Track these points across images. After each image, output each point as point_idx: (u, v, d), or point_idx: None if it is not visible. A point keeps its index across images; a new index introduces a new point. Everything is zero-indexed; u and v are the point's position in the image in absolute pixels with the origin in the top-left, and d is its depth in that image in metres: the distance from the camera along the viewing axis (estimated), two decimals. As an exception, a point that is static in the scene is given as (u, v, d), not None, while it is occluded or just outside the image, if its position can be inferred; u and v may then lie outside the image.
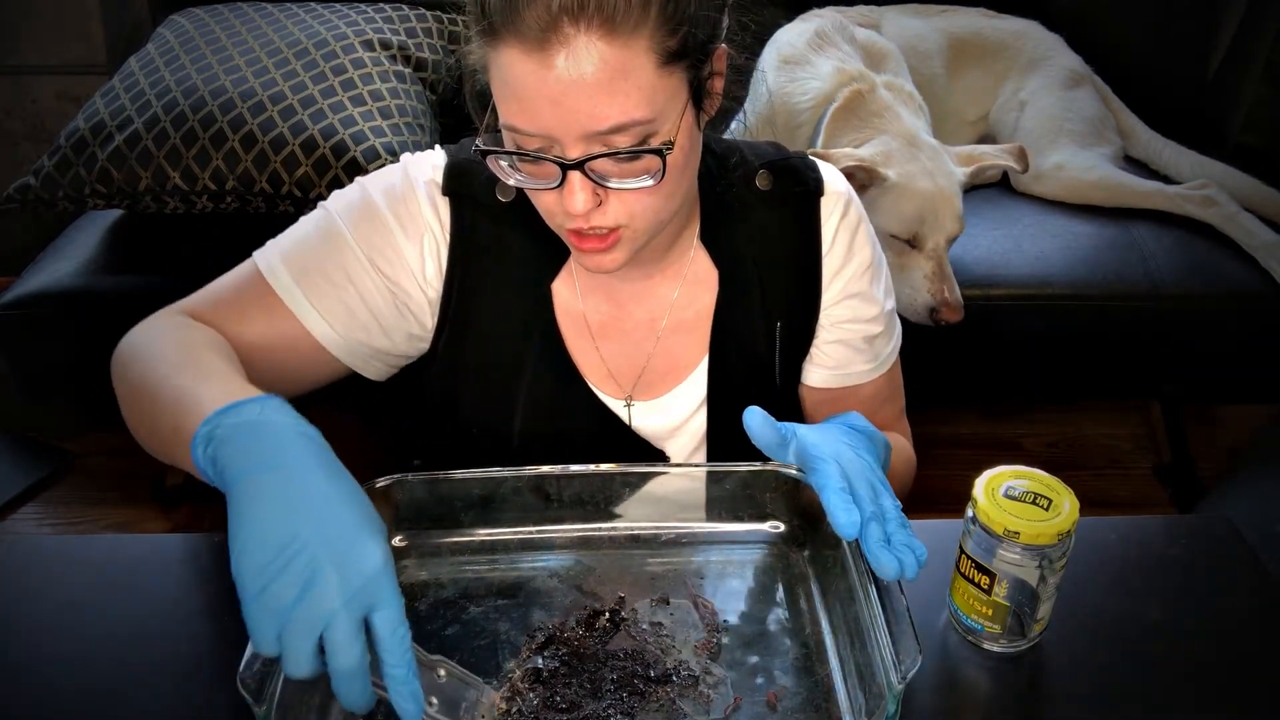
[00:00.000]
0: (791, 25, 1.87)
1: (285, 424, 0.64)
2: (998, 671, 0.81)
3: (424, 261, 0.90)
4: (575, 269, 0.94)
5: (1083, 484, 0.84)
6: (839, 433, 0.81)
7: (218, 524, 0.63)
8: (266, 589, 0.57)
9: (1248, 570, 0.90)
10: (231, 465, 0.62)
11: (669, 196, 0.81)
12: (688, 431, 0.98)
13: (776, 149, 0.97)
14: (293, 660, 0.57)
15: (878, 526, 0.73)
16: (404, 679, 0.59)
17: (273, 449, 0.62)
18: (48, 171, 1.66)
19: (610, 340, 0.96)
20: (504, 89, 0.75)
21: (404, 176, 0.91)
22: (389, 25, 1.85)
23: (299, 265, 0.87)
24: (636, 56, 0.72)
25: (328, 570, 0.57)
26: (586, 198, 0.76)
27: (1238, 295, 1.73)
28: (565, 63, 0.71)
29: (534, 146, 0.76)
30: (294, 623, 0.56)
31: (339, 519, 0.60)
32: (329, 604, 0.57)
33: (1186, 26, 2.10)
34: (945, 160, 1.61)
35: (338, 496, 0.61)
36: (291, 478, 0.61)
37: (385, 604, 0.59)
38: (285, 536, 0.58)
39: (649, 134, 0.75)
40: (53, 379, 1.81)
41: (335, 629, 0.57)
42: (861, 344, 0.99)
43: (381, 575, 0.59)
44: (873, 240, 0.98)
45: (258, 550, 0.58)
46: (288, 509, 0.59)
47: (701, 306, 0.96)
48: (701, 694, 0.74)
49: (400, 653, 0.59)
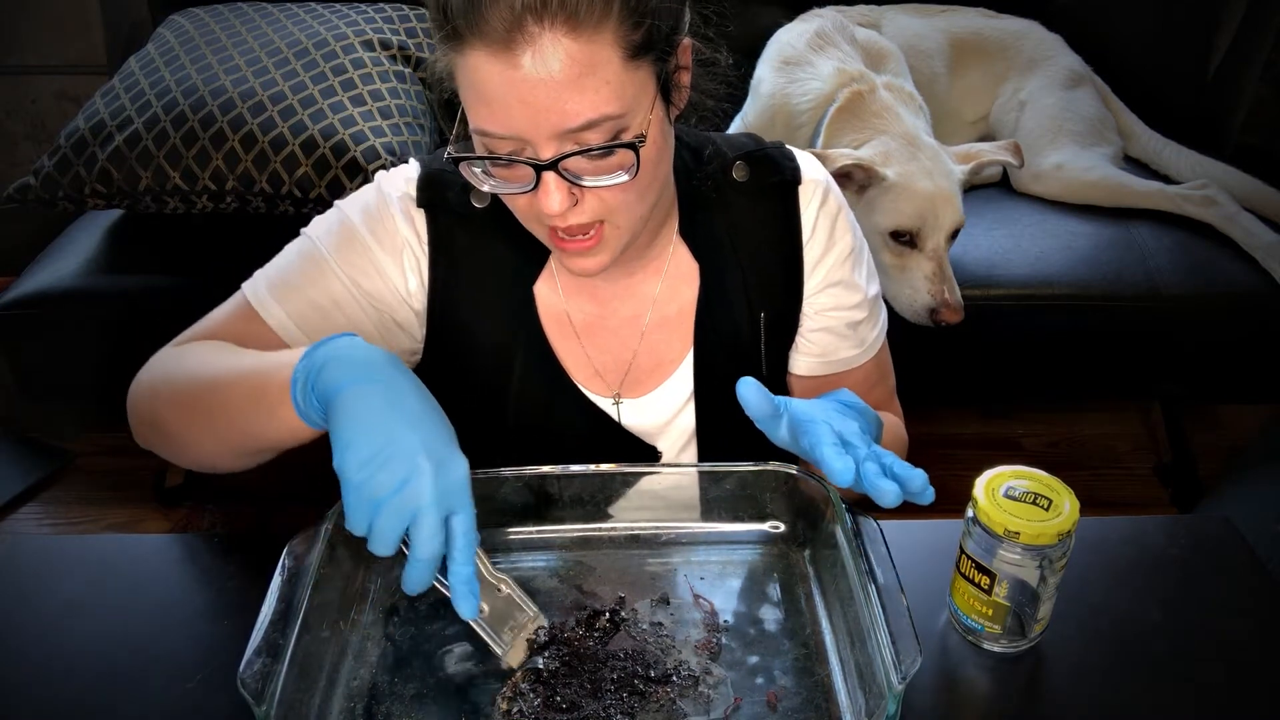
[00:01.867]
0: (791, 25, 1.87)
1: (374, 350, 0.71)
2: (998, 671, 0.81)
3: (405, 277, 0.91)
4: (557, 270, 0.94)
5: (1083, 484, 0.84)
6: (831, 406, 0.81)
7: (217, 524, 0.63)
8: (368, 481, 0.65)
9: (1248, 570, 0.90)
10: (334, 381, 0.69)
11: (644, 191, 0.81)
12: (677, 427, 0.99)
13: (753, 140, 0.97)
14: (380, 542, 0.65)
15: (874, 464, 0.73)
16: (467, 577, 0.68)
17: (370, 366, 0.70)
18: (48, 171, 1.66)
19: (595, 339, 0.96)
20: (471, 93, 0.75)
21: (378, 194, 0.91)
22: (389, 25, 1.85)
23: (285, 294, 0.89)
24: (602, 51, 0.72)
25: (424, 471, 0.65)
26: (562, 198, 0.76)
27: (1238, 295, 1.72)
28: (532, 61, 0.71)
29: (506, 150, 0.76)
30: (388, 511, 0.65)
31: (433, 429, 0.68)
32: (422, 499, 0.65)
33: (1186, 26, 2.10)
34: (945, 160, 1.61)
35: (427, 410, 0.69)
36: (390, 389, 0.69)
37: (464, 509, 0.67)
38: (386, 438, 0.66)
39: (620, 129, 0.75)
40: (53, 379, 1.81)
41: (422, 521, 0.65)
42: (846, 330, 0.99)
43: (464, 483, 0.68)
44: (854, 227, 0.98)
45: (362, 447, 0.66)
46: (389, 415, 0.67)
47: (684, 301, 0.96)
48: (701, 694, 0.74)
49: (468, 554, 0.67)
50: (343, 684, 0.75)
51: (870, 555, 0.75)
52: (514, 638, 0.75)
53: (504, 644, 0.75)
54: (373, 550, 0.66)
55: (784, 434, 0.78)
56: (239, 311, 0.90)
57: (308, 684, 0.71)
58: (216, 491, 1.96)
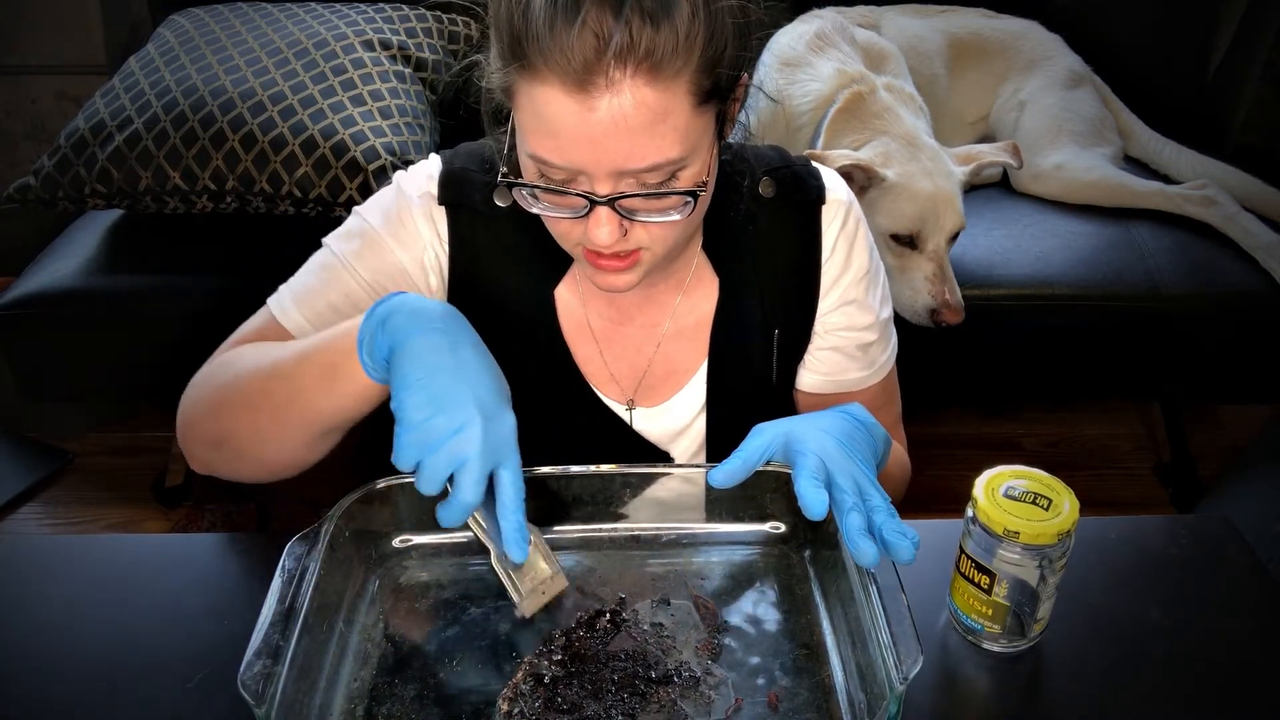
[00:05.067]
0: (791, 27, 1.87)
1: (436, 303, 0.74)
2: (998, 671, 0.81)
3: (427, 276, 0.91)
4: (579, 275, 0.94)
5: (1083, 484, 0.84)
6: (834, 426, 0.80)
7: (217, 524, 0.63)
8: (423, 424, 0.67)
9: (1248, 570, 0.90)
10: (401, 328, 0.71)
11: (690, 223, 0.82)
12: (689, 436, 0.99)
13: (780, 155, 0.97)
14: (427, 482, 0.68)
15: (859, 516, 0.72)
16: (519, 524, 0.70)
17: (435, 316, 0.72)
18: (48, 171, 1.66)
19: (612, 345, 0.96)
20: (536, 122, 0.74)
21: (398, 194, 0.91)
22: (389, 25, 1.85)
23: (308, 303, 0.89)
24: (676, 99, 0.72)
25: (476, 424, 0.68)
26: (612, 229, 0.76)
27: (1238, 295, 1.73)
28: (608, 105, 0.70)
29: (560, 178, 0.76)
30: (439, 456, 0.67)
31: (487, 384, 0.71)
32: (470, 449, 0.68)
33: (1186, 26, 2.10)
34: (945, 160, 1.61)
35: (484, 365, 0.72)
36: (450, 341, 0.71)
37: (510, 462, 0.70)
38: (444, 385, 0.69)
39: (679, 169, 0.76)
40: (53, 379, 1.81)
41: (467, 470, 0.68)
42: (856, 351, 0.98)
43: (512, 438, 0.71)
44: (871, 248, 0.98)
45: (421, 390, 0.68)
46: (447, 364, 0.70)
47: (702, 313, 0.96)
48: (703, 695, 0.74)
49: (518, 502, 0.70)
50: (343, 685, 0.75)
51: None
52: (531, 589, 0.76)
53: (521, 592, 0.76)
54: (419, 488, 0.68)
55: (780, 457, 0.80)
56: (263, 323, 0.90)
57: (308, 685, 0.71)
58: (216, 491, 1.96)
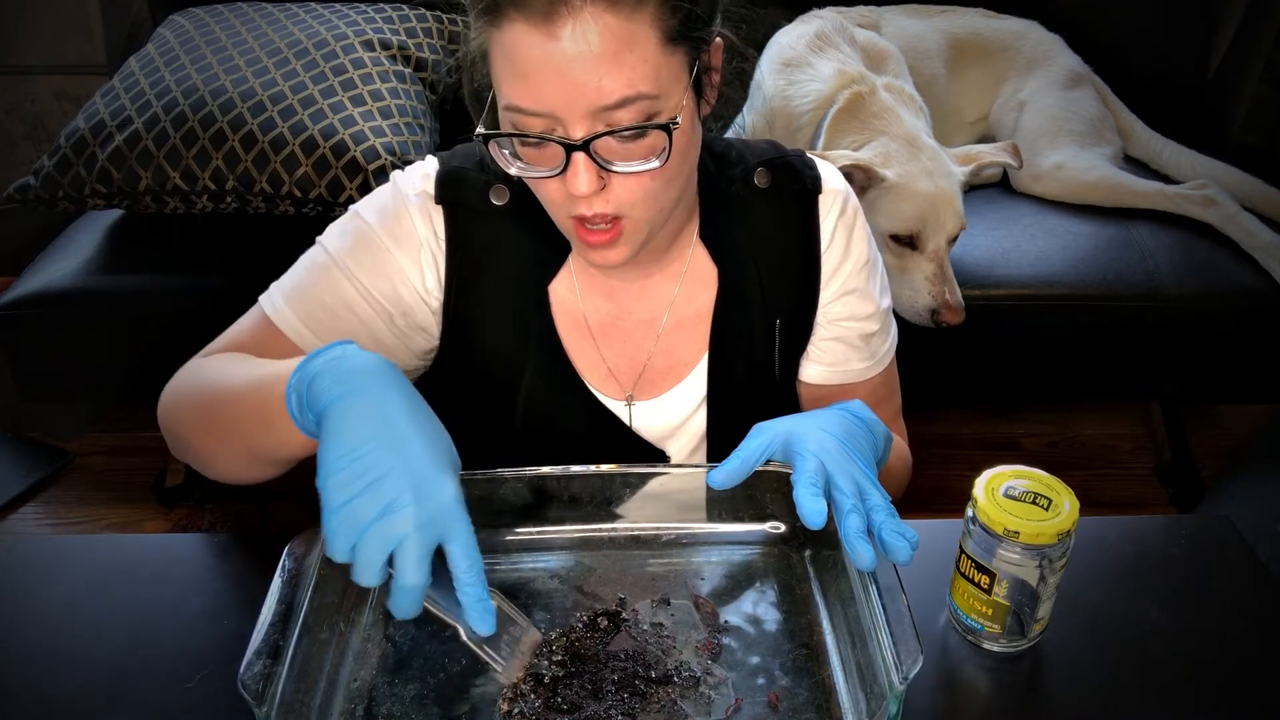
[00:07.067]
0: (791, 27, 1.87)
1: (368, 359, 0.69)
2: (998, 671, 0.81)
3: (423, 274, 0.91)
4: (575, 269, 0.94)
5: (1083, 484, 0.84)
6: (834, 424, 0.80)
7: (217, 524, 0.63)
8: (348, 504, 0.62)
9: (1248, 570, 0.90)
10: (323, 395, 0.66)
11: (670, 181, 0.81)
12: (688, 431, 0.98)
13: (774, 147, 0.98)
14: (363, 572, 0.62)
15: (858, 519, 0.72)
16: (479, 597, 0.65)
17: (359, 379, 0.67)
18: (48, 171, 1.66)
19: (610, 340, 0.96)
20: (507, 67, 0.75)
21: (394, 193, 0.91)
22: (389, 25, 1.85)
23: (300, 301, 0.89)
24: (641, 29, 0.73)
25: (406, 498, 0.62)
26: (590, 179, 0.76)
27: (1238, 295, 1.72)
28: (572, 34, 0.72)
29: (537, 128, 0.76)
30: (369, 539, 0.61)
31: (419, 450, 0.64)
32: (403, 528, 0.62)
33: (1186, 26, 2.10)
34: (945, 161, 1.61)
35: (416, 428, 0.65)
36: (376, 405, 0.65)
37: (457, 535, 0.64)
38: (368, 460, 0.63)
39: (653, 112, 0.76)
40: (53, 379, 1.81)
41: (406, 551, 0.62)
42: (858, 341, 0.99)
43: (454, 506, 0.64)
44: (869, 239, 0.98)
45: (343, 468, 0.63)
46: (372, 434, 0.64)
47: (701, 305, 0.96)
48: (703, 695, 0.74)
49: (474, 574, 0.64)
50: (343, 685, 0.75)
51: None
52: (511, 652, 0.74)
53: (502, 660, 0.73)
54: (356, 580, 0.62)
55: (781, 456, 0.80)
56: (256, 321, 0.90)
57: (308, 685, 0.71)
58: (216, 491, 1.96)
